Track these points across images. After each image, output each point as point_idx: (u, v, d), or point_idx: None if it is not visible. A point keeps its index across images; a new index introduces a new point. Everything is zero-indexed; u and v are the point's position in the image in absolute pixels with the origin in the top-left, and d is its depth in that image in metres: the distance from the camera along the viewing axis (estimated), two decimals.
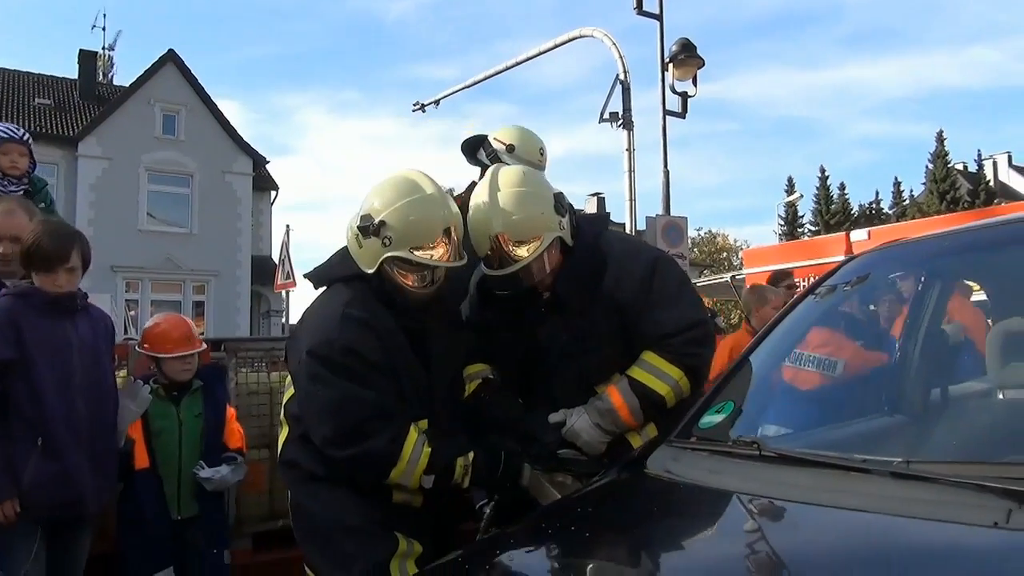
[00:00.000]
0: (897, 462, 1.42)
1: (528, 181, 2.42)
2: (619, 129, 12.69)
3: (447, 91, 16.16)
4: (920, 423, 1.76)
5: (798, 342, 2.20)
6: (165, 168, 25.19)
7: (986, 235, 2.10)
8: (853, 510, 1.39)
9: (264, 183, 27.86)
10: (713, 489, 1.65)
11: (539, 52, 14.06)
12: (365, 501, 2.31)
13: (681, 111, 11.24)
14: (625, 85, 12.56)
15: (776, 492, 1.54)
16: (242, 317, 25.62)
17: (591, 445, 2.41)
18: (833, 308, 2.26)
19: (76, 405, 2.92)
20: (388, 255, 2.26)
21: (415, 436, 2.25)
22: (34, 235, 2.92)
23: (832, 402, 2.01)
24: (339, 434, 2.22)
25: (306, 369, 2.26)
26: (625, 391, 2.38)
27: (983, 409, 1.75)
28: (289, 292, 12.98)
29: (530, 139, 3.34)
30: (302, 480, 2.40)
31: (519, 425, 2.48)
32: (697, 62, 10.98)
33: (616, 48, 12.85)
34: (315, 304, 2.44)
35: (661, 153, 11.50)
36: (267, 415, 5.10)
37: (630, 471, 2.00)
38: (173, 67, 25.80)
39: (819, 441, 1.77)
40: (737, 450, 1.75)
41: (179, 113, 25.59)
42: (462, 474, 2.30)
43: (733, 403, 2.02)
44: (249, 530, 4.96)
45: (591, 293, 2.41)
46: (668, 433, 2.01)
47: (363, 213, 2.30)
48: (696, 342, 2.36)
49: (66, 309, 2.96)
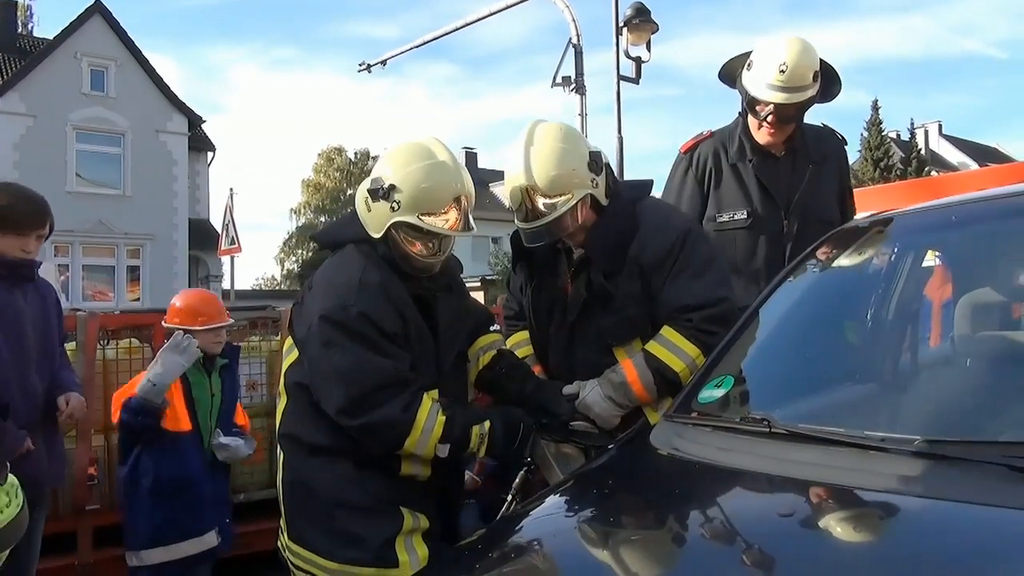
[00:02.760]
0: (918, 441, 1.42)
1: (563, 137, 2.41)
2: (571, 93, 12.62)
3: (395, 51, 15.81)
4: (937, 395, 1.76)
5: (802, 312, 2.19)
6: (94, 126, 24.21)
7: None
8: (879, 491, 1.38)
9: (200, 143, 27.02)
10: (728, 468, 1.63)
11: (491, 12, 13.82)
12: (369, 476, 2.25)
13: (635, 76, 11.19)
14: (578, 49, 12.47)
15: (793, 472, 1.53)
16: (180, 282, 24.92)
17: (604, 418, 2.39)
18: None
19: (30, 377, 2.80)
20: (396, 220, 2.23)
21: (429, 404, 2.21)
22: (5, 197, 2.77)
23: (840, 373, 2.00)
24: (352, 401, 2.16)
25: (320, 334, 2.20)
26: (640, 365, 2.36)
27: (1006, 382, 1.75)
28: (233, 258, 12.60)
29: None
30: (302, 454, 2.33)
31: (533, 397, 2.47)
32: (651, 26, 10.95)
33: (569, 10, 12.71)
34: (328, 269, 2.38)
35: (615, 118, 11.48)
36: None
37: (636, 447, 1.98)
38: (100, 19, 24.61)
39: (829, 415, 1.76)
40: (746, 427, 1.73)
41: (108, 68, 24.53)
42: (478, 443, 2.26)
43: (732, 377, 2.01)
44: None
45: (618, 254, 2.41)
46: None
47: (374, 176, 2.28)
48: (716, 319, 2.33)
49: (22, 277, 2.83)
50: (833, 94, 2.99)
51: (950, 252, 2.28)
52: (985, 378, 1.82)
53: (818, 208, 2.97)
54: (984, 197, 2.28)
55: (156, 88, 25.30)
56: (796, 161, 2.99)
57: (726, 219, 2.97)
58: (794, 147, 3.00)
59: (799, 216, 2.93)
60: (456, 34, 14.77)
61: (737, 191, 2.98)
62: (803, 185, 2.95)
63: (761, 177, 2.96)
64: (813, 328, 2.20)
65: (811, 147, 3.03)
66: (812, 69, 2.83)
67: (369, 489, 2.25)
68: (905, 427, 1.62)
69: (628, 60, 11.22)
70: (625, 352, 2.44)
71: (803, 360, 2.09)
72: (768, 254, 2.91)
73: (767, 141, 2.96)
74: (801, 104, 2.86)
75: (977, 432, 1.56)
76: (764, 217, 2.94)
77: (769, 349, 2.14)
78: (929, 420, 1.66)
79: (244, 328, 5.29)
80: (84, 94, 24.07)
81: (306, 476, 2.31)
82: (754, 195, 2.95)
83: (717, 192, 3.02)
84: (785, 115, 2.86)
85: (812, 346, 2.14)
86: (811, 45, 2.85)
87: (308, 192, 46.43)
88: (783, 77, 2.79)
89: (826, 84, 2.93)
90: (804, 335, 2.17)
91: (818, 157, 3.02)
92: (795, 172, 2.98)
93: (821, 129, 3.17)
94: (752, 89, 2.88)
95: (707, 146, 3.08)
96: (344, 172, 45.77)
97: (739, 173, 2.99)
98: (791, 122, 2.91)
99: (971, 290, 2.15)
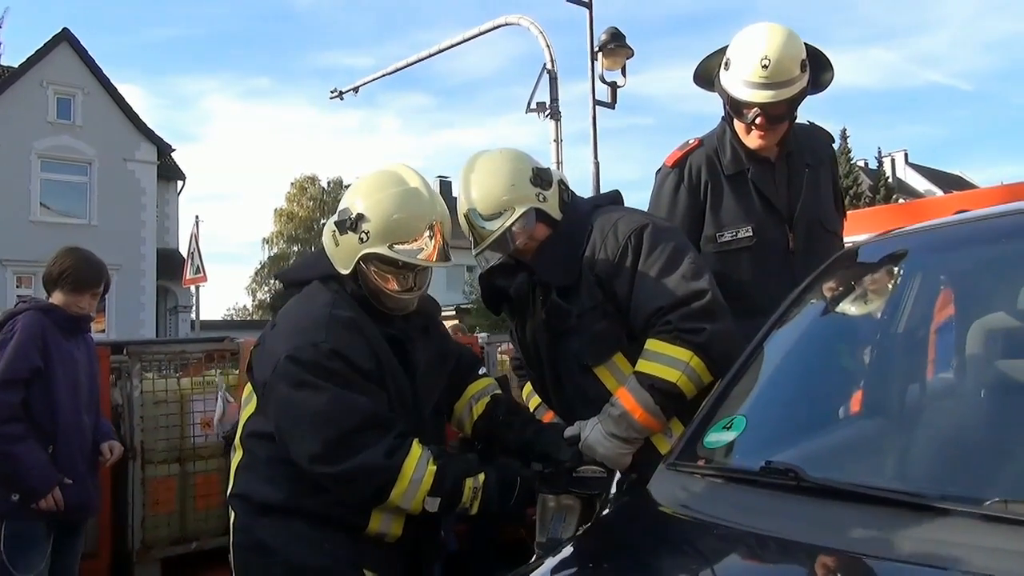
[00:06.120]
0: (992, 502, 1.15)
1: (502, 157, 2.34)
2: (546, 119, 12.46)
3: (366, 78, 15.60)
4: (1000, 443, 1.45)
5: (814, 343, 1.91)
6: (60, 155, 23.65)
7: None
8: (941, 568, 1.10)
9: (169, 172, 26.60)
10: (753, 533, 1.35)
11: (463, 39, 13.70)
12: (330, 535, 2.03)
13: (611, 101, 11.06)
14: (552, 74, 12.32)
15: (834, 541, 1.25)
16: (147, 314, 24.38)
17: (611, 459, 2.12)
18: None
19: (82, 417, 3.21)
20: (366, 251, 2.06)
21: (419, 451, 2.00)
22: (70, 259, 3.28)
23: (870, 413, 1.72)
24: (329, 446, 1.94)
25: (287, 376, 1.99)
26: (635, 389, 2.11)
27: None
28: (199, 288, 12.18)
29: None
30: (253, 513, 2.08)
31: (534, 445, 2.24)
32: (626, 52, 10.84)
33: (543, 36, 12.60)
34: (292, 306, 2.20)
35: (590, 146, 11.33)
36: (177, 426, 4.62)
37: (638, 502, 1.68)
38: (68, 47, 24.15)
39: (865, 465, 1.48)
40: (767, 479, 1.45)
41: (75, 97, 24.03)
42: (471, 497, 2.04)
43: (744, 417, 1.73)
44: (158, 555, 4.48)
45: (570, 267, 2.24)
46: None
47: (341, 208, 2.13)
48: (696, 316, 2.07)
49: (80, 329, 3.29)
50: (825, 82, 2.62)
51: (982, 273, 2.01)
52: None
53: (821, 216, 2.63)
54: (1004, 212, 2.04)
55: (124, 117, 24.82)
56: (792, 165, 2.64)
57: (728, 238, 2.58)
58: (788, 149, 2.63)
59: (804, 227, 2.58)
60: (430, 65, 14.68)
61: (737, 205, 2.59)
62: (802, 191, 2.60)
63: (760, 187, 2.59)
64: (834, 360, 1.93)
65: (805, 148, 2.68)
66: (798, 59, 2.46)
67: (329, 550, 2.02)
68: (965, 483, 1.34)
69: (603, 85, 11.10)
70: (608, 372, 2.22)
71: (825, 397, 1.81)
72: (778, 274, 2.50)
73: (759, 145, 2.57)
74: (791, 100, 2.48)
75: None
76: (769, 232, 2.57)
77: (784, 385, 1.85)
78: (996, 472, 1.37)
79: (200, 362, 4.94)
80: (50, 122, 23.54)
81: (259, 537, 2.07)
82: (756, 208, 2.58)
83: (716, 208, 2.62)
84: (775, 114, 2.49)
85: (835, 381, 1.86)
86: (793, 32, 2.48)
87: (281, 222, 45.93)
88: (766, 73, 2.41)
89: (816, 72, 2.56)
90: (824, 368, 1.90)
91: (813, 159, 2.67)
92: (792, 177, 2.62)
93: (808, 127, 2.79)
94: (733, 90, 2.50)
95: (698, 156, 2.67)
96: (317, 201, 45.40)
97: (737, 185, 2.61)
98: (783, 121, 2.54)
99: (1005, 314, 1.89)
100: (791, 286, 2.05)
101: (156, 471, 4.54)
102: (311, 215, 45.02)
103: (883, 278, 2.00)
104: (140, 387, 4.51)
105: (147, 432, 4.54)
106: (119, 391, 4.46)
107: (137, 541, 4.41)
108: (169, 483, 4.59)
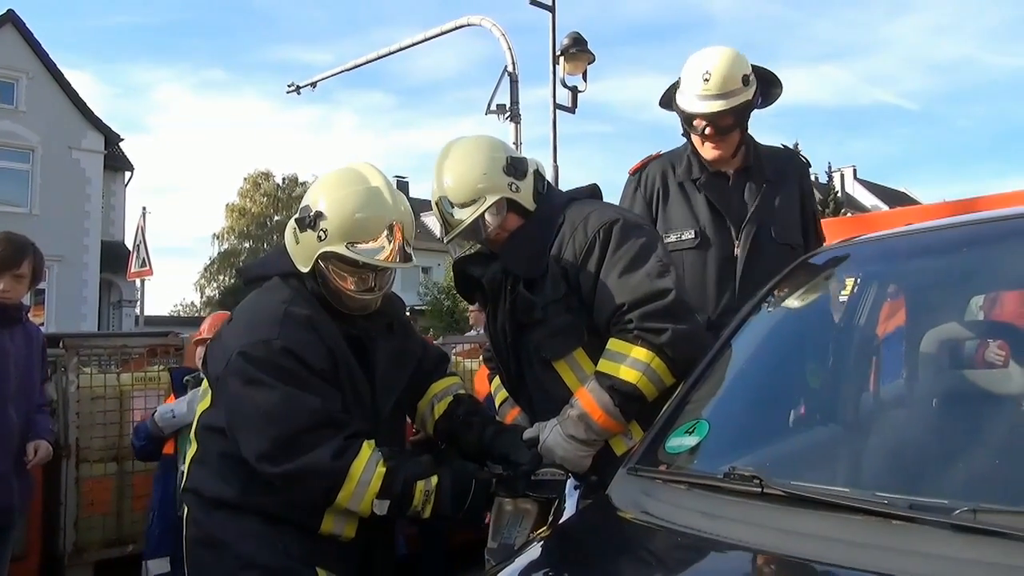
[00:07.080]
0: (960, 511, 1.12)
1: (475, 144, 2.31)
2: (506, 122, 12.43)
3: (325, 74, 15.40)
4: (966, 448, 1.42)
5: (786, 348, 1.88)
6: (1, 141, 22.78)
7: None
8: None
9: (117, 162, 25.84)
10: (719, 541, 1.30)
11: (425, 38, 13.60)
12: (282, 532, 2.00)
13: (571, 105, 11.08)
14: (513, 77, 12.30)
15: (801, 549, 1.21)
16: (89, 307, 23.63)
17: (571, 461, 2.08)
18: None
19: (8, 412, 3.02)
20: (324, 250, 2.04)
21: (368, 453, 1.96)
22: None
23: (835, 418, 1.70)
24: (276, 444, 1.92)
25: (239, 372, 1.98)
26: (594, 390, 2.06)
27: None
28: (144, 281, 11.83)
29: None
30: (206, 508, 2.06)
31: (493, 446, 2.19)
32: (588, 56, 10.86)
33: (505, 38, 12.57)
34: (248, 301, 2.20)
35: (550, 150, 11.32)
36: (116, 423, 4.46)
37: (597, 508, 1.62)
38: (12, 29, 23.31)
39: (829, 471, 1.45)
40: (732, 484, 1.41)
41: (19, 81, 23.20)
42: (422, 500, 1.99)
43: (707, 422, 1.69)
44: (91, 558, 4.31)
45: (537, 259, 2.22)
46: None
47: (302, 205, 2.10)
48: (658, 315, 2.03)
49: (9, 319, 3.09)
50: (774, 96, 2.88)
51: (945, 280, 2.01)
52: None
53: (775, 229, 2.80)
54: (963, 223, 2.06)
55: (71, 103, 24.07)
56: (750, 180, 2.84)
57: (673, 239, 2.79)
58: (747, 165, 2.87)
59: (751, 236, 2.77)
60: (390, 64, 14.56)
61: (685, 210, 2.83)
62: (755, 203, 2.79)
63: (710, 196, 2.81)
64: (798, 366, 1.90)
65: (766, 166, 2.88)
66: (740, 73, 2.70)
67: (281, 547, 1.99)
68: (933, 490, 1.31)
69: (565, 89, 11.12)
70: (568, 367, 2.19)
71: (789, 403, 1.78)
72: (718, 275, 2.73)
73: (713, 156, 2.81)
74: (736, 111, 2.71)
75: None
76: (713, 237, 2.78)
77: (747, 390, 1.82)
78: (964, 481, 1.34)
79: (142, 357, 4.77)
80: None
81: (210, 533, 2.06)
82: (702, 215, 2.80)
83: (665, 212, 2.89)
84: (722, 125, 2.72)
85: (799, 387, 1.83)
86: (737, 52, 2.74)
87: (232, 217, 44.97)
88: (708, 85, 2.68)
89: (765, 88, 2.82)
90: (788, 374, 1.87)
91: (774, 176, 2.87)
92: (748, 191, 2.83)
93: (780, 150, 3.05)
94: (683, 104, 2.77)
95: (655, 166, 2.96)
96: (271, 198, 44.59)
97: (686, 192, 2.85)
98: (731, 131, 2.77)
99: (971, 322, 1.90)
100: (732, 290, 2.28)
101: (92, 470, 4.39)
102: (264, 211, 44.23)
103: (842, 285, 2.00)
104: (77, 382, 4.35)
105: (83, 429, 4.37)
106: (54, 386, 4.27)
107: (69, 543, 4.25)
108: (105, 483, 4.44)
